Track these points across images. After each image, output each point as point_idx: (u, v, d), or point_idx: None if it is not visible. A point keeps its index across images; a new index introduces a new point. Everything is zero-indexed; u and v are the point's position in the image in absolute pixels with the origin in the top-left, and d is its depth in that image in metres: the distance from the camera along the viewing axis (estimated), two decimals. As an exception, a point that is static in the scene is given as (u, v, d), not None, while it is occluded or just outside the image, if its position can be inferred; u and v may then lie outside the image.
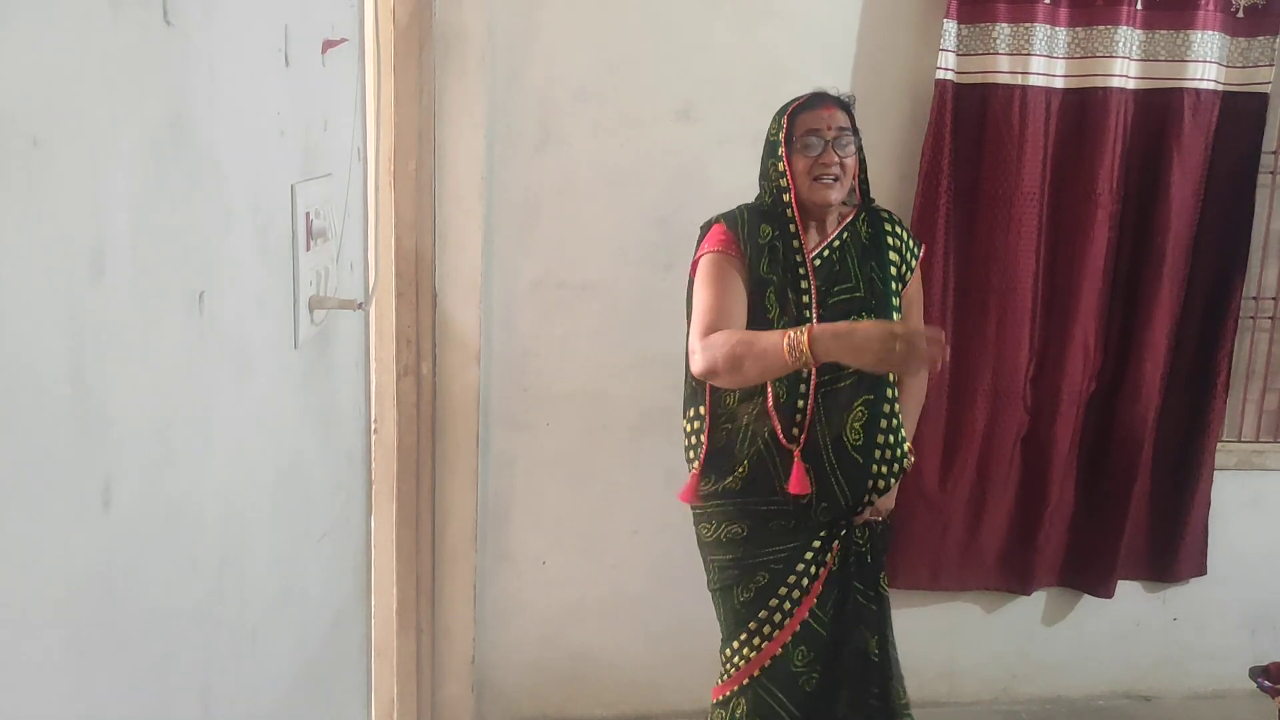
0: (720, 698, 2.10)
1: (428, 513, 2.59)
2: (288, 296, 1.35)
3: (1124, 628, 3.06)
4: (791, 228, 2.00)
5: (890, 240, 2.07)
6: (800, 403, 1.96)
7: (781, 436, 1.96)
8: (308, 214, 1.39)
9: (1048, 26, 2.56)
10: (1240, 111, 2.69)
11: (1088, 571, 2.92)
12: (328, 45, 1.49)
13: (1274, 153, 2.84)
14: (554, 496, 2.77)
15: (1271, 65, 2.66)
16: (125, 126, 0.86)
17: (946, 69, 2.56)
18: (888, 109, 2.68)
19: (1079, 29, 2.59)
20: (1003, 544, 2.88)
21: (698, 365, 1.90)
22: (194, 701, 1.07)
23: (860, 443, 1.99)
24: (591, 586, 2.81)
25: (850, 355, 1.71)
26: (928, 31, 2.61)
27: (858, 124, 2.05)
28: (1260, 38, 2.66)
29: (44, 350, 0.75)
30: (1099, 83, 2.60)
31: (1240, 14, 2.65)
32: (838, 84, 2.65)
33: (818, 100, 2.01)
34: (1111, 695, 3.11)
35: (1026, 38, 2.55)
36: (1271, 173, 2.86)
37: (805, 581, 2.03)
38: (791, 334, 1.74)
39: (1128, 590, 3.00)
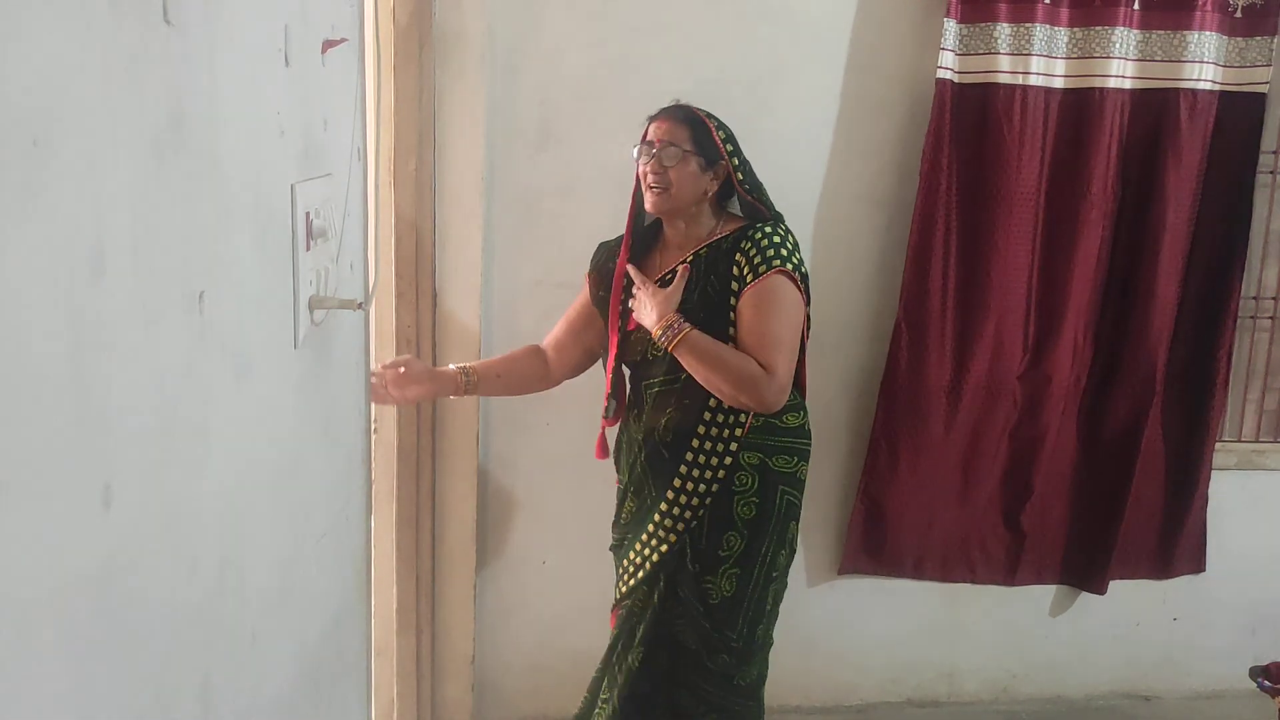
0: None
1: (428, 513, 2.59)
2: (288, 296, 1.35)
3: (1124, 627, 3.06)
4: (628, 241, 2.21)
5: (738, 255, 2.08)
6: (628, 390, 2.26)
7: (604, 410, 2.28)
8: (308, 214, 1.39)
9: (1047, 26, 2.56)
10: (1238, 112, 2.69)
11: (1082, 567, 2.93)
12: (328, 45, 1.49)
13: (1274, 153, 2.84)
14: (554, 496, 2.77)
15: (1269, 65, 2.67)
16: (125, 126, 0.86)
17: (947, 69, 2.56)
18: (887, 108, 2.68)
19: (1077, 29, 2.60)
20: (986, 535, 2.89)
21: None
22: (194, 701, 1.07)
23: (669, 440, 2.13)
24: (591, 586, 2.80)
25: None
26: (927, 31, 2.61)
27: (719, 139, 2.10)
28: (1258, 38, 2.66)
29: (44, 350, 0.75)
30: (1096, 83, 2.61)
31: (1238, 14, 2.65)
32: (836, 84, 2.67)
33: (660, 113, 2.15)
34: (1111, 695, 3.11)
35: (1026, 38, 2.55)
36: (1271, 172, 2.86)
37: (630, 582, 2.21)
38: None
39: (1128, 590, 3.00)
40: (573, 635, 2.85)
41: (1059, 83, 2.61)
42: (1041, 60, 2.58)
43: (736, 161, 2.13)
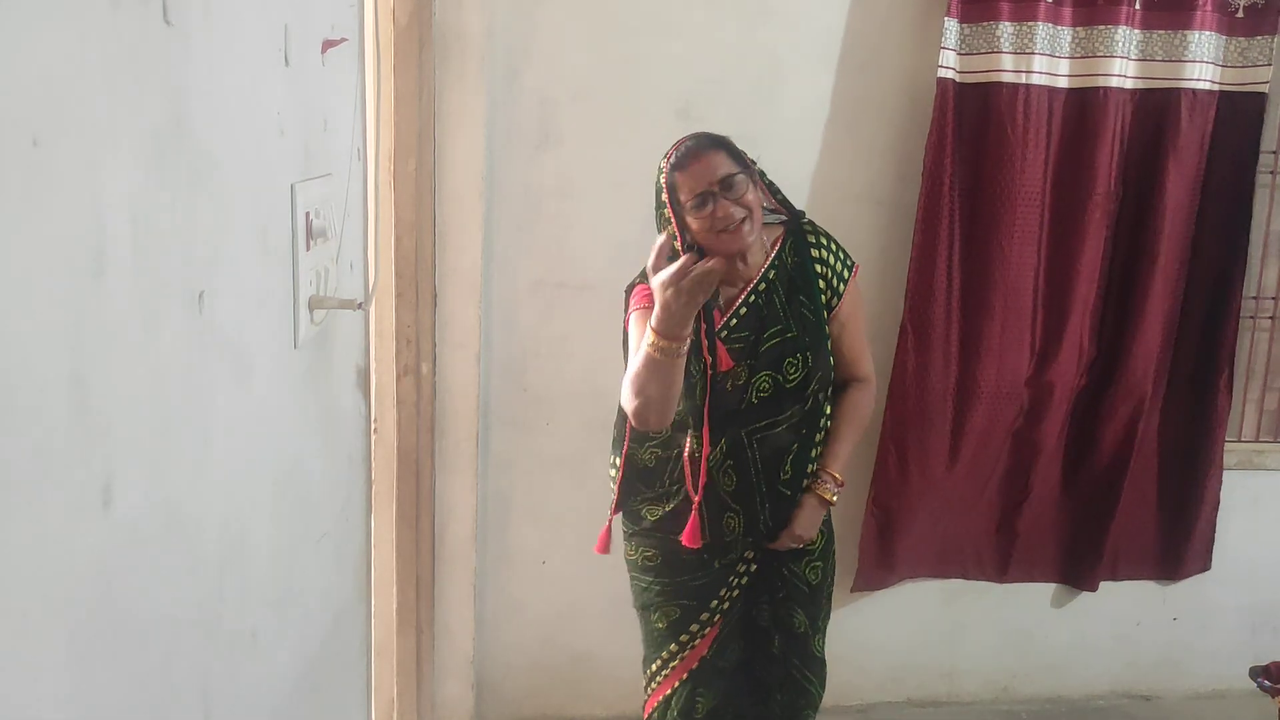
0: (647, 715, 2.15)
1: (428, 513, 2.59)
2: (288, 296, 1.35)
3: (1124, 627, 3.06)
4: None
5: (817, 267, 1.99)
6: (725, 445, 1.93)
7: (690, 487, 1.94)
8: (308, 214, 1.39)
9: (1050, 25, 2.56)
10: (1239, 111, 2.68)
11: (1074, 566, 2.93)
12: (328, 45, 1.49)
13: (1273, 152, 2.83)
14: (554, 496, 2.77)
15: (1270, 65, 2.66)
16: (125, 126, 0.86)
17: (948, 68, 2.56)
18: (887, 109, 2.68)
19: (1080, 28, 2.59)
20: (982, 533, 2.89)
21: (633, 421, 1.88)
22: (194, 701, 1.07)
23: (789, 478, 1.99)
24: (591, 586, 2.81)
25: (678, 309, 1.67)
26: (927, 31, 2.61)
27: (747, 158, 1.93)
28: (1259, 37, 2.65)
29: (44, 350, 0.75)
30: (1099, 82, 2.60)
31: (1240, 14, 2.65)
32: (836, 84, 2.67)
33: (689, 156, 1.86)
34: (1111, 695, 3.11)
35: (1029, 37, 2.55)
36: (1271, 172, 2.85)
37: (723, 607, 2.04)
38: (647, 335, 1.74)
39: (1128, 590, 3.00)
40: (573, 635, 2.85)
41: (1063, 82, 2.60)
42: (1044, 59, 2.57)
43: (758, 164, 1.99)
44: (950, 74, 2.56)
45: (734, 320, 1.94)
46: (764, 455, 1.95)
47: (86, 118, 0.79)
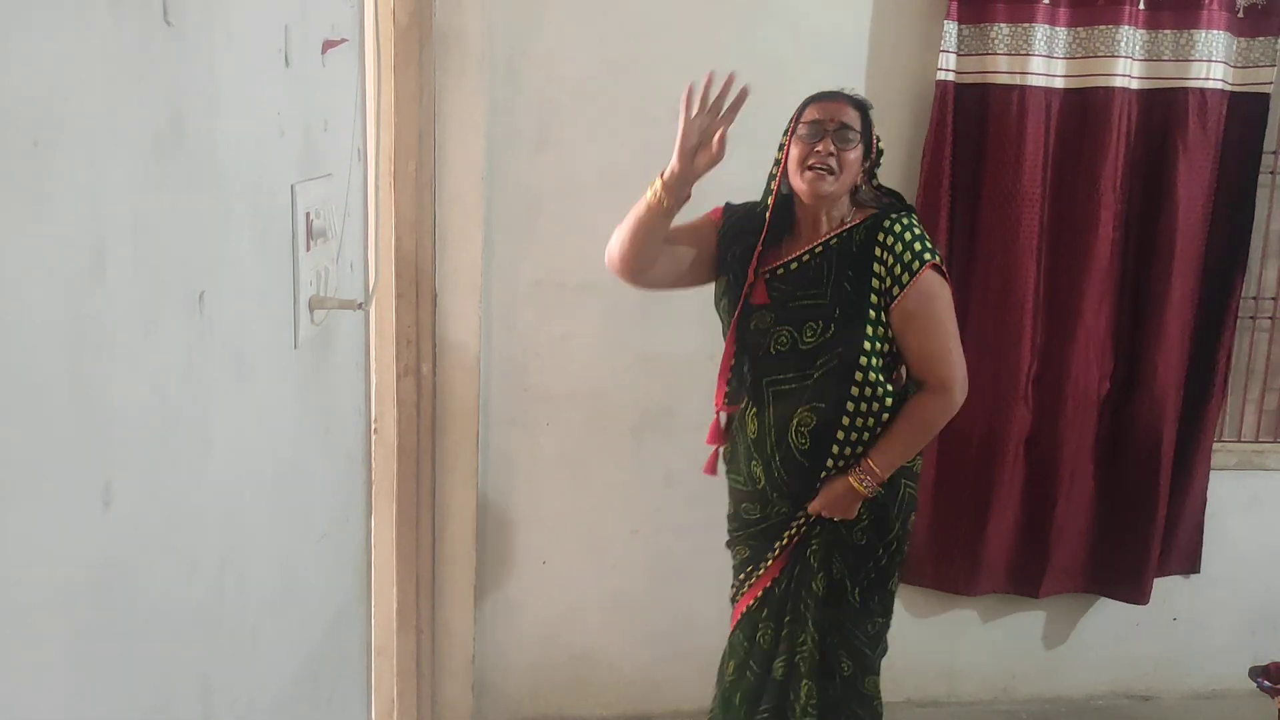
0: (731, 631, 2.26)
1: (428, 513, 2.59)
2: (288, 296, 1.35)
3: (1124, 628, 3.06)
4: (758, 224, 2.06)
5: (878, 251, 1.99)
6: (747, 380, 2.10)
7: (717, 399, 2.13)
8: (308, 214, 1.39)
9: (1047, 27, 2.56)
10: (1243, 112, 2.68)
11: (1117, 576, 2.89)
12: (328, 45, 1.49)
13: (1274, 153, 2.83)
14: (554, 496, 2.77)
15: (1272, 65, 2.66)
16: (125, 126, 0.86)
17: (947, 70, 2.56)
18: (890, 110, 2.68)
19: (1080, 29, 2.59)
20: (1012, 547, 2.85)
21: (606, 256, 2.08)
22: (194, 701, 1.07)
23: (806, 447, 2.01)
24: (591, 586, 2.81)
25: (684, 158, 1.91)
26: (930, 32, 2.61)
27: (874, 130, 2.04)
28: (1261, 38, 2.65)
29: (44, 350, 0.75)
30: (1101, 82, 2.60)
31: (1240, 14, 2.65)
32: (839, 85, 2.67)
33: (829, 95, 2.03)
34: (1111, 695, 3.11)
35: (1025, 38, 2.55)
36: (1271, 173, 2.85)
37: (784, 545, 2.13)
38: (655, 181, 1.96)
39: (1127, 590, 3.00)
40: (573, 635, 2.85)
41: (1059, 83, 2.61)
42: (1041, 60, 2.57)
43: (882, 149, 2.09)
44: (949, 76, 2.57)
45: (781, 270, 2.04)
46: (776, 410, 2.04)
47: (86, 118, 0.79)
